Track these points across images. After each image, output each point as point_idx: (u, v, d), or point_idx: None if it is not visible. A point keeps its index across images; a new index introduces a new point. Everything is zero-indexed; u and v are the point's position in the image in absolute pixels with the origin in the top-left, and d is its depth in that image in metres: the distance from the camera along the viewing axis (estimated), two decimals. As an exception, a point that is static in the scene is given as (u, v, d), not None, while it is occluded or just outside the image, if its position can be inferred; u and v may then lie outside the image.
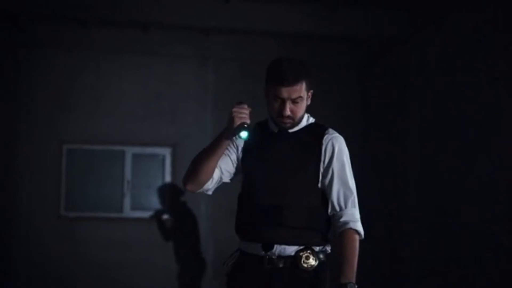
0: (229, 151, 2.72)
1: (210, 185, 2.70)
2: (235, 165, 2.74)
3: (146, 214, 8.42)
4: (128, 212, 8.65)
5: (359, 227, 2.59)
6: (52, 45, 8.61)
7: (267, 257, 2.57)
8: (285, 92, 2.55)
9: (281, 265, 2.56)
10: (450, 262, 6.73)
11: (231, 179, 2.77)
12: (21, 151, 8.50)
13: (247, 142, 2.66)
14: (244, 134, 2.50)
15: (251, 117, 2.60)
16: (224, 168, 2.70)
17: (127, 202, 8.64)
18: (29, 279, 8.23)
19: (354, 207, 2.63)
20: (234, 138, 2.65)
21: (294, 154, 2.63)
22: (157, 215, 7.14)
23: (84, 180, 8.68)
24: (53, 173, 8.54)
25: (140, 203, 8.61)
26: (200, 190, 2.71)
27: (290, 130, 2.67)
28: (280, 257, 2.56)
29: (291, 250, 2.57)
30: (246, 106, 2.57)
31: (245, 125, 2.50)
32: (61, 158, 8.62)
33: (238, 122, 2.51)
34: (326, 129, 2.76)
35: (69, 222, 8.51)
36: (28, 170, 8.49)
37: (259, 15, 7.47)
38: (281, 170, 2.61)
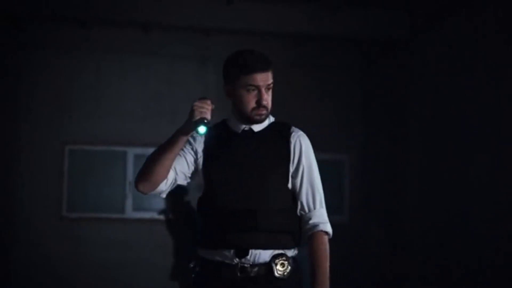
0: (184, 152, 2.56)
1: (164, 187, 2.52)
2: (191, 167, 2.57)
3: (148, 215, 8.45)
4: (130, 213, 8.66)
5: (329, 228, 2.54)
6: (52, 46, 8.62)
7: (239, 265, 2.43)
8: (260, 79, 2.46)
9: (253, 274, 2.43)
10: (451, 262, 6.74)
11: (187, 182, 2.61)
12: (23, 152, 8.51)
13: (208, 145, 2.55)
14: (202, 129, 2.37)
15: (213, 115, 2.48)
16: (179, 169, 2.53)
17: (129, 203, 8.64)
18: (30, 280, 8.23)
19: (322, 207, 2.58)
20: (192, 140, 2.56)
21: (262, 155, 2.51)
22: (164, 214, 7.14)
23: (86, 181, 8.68)
24: (54, 174, 8.54)
25: (142, 203, 8.61)
26: (154, 192, 2.53)
27: (256, 130, 2.56)
28: (253, 264, 2.43)
29: (266, 255, 2.44)
30: (209, 102, 2.43)
31: (205, 121, 2.37)
32: (63, 159, 8.62)
33: (197, 116, 2.38)
34: (290, 127, 2.62)
35: (71, 222, 8.52)
36: (29, 171, 8.49)
37: (259, 15, 7.48)
38: (251, 172, 2.48)
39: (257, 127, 2.56)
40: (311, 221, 2.52)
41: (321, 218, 2.54)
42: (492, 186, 6.05)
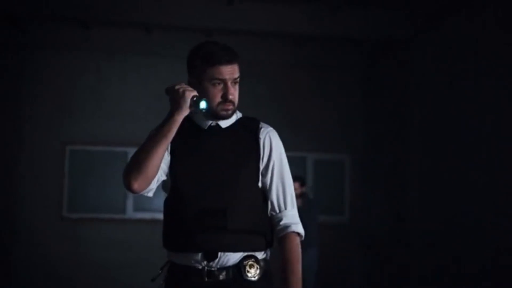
0: None
1: (154, 184, 2.32)
2: (167, 162, 2.37)
3: (148, 215, 8.46)
4: (131, 213, 8.66)
5: (301, 229, 2.40)
6: (53, 46, 8.63)
7: (206, 269, 2.29)
8: (226, 72, 2.32)
9: (221, 278, 2.29)
10: (451, 262, 6.74)
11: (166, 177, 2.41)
12: (23, 152, 8.52)
13: (173, 141, 2.33)
14: (203, 104, 2.25)
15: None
16: (162, 164, 2.34)
17: (129, 203, 8.65)
18: (30, 280, 8.24)
19: (294, 207, 2.43)
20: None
21: (231, 152, 2.36)
22: None
23: (86, 181, 8.69)
24: (55, 174, 8.55)
25: (142, 204, 8.62)
26: (145, 191, 2.31)
27: (223, 126, 2.40)
28: (221, 268, 2.29)
29: (235, 258, 2.31)
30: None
31: (199, 97, 2.26)
32: (64, 159, 8.63)
33: (191, 95, 2.25)
34: (259, 122, 2.47)
35: (71, 223, 8.53)
36: (30, 172, 8.50)
37: (259, 15, 7.48)
38: (220, 170, 2.34)
39: (224, 123, 2.41)
40: (282, 222, 2.38)
41: (293, 218, 2.40)
42: (492, 186, 6.05)
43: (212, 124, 2.40)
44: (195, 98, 2.26)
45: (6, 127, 8.42)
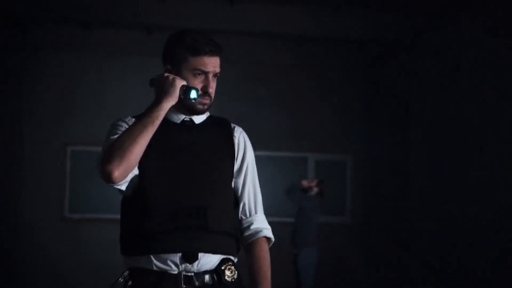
0: None
1: (129, 176, 2.16)
2: None
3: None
4: (131, 213, 8.67)
5: (271, 234, 2.31)
6: (54, 47, 8.65)
7: (182, 274, 2.12)
8: (210, 63, 2.22)
9: (198, 284, 2.13)
10: (451, 262, 6.73)
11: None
12: (26, 153, 8.54)
13: None
14: (194, 94, 2.16)
15: None
16: None
17: (130, 203, 8.66)
18: (31, 279, 8.25)
19: (262, 213, 2.34)
20: (126, 126, 2.29)
21: (206, 148, 2.23)
22: None
23: (87, 182, 8.69)
24: (56, 175, 8.57)
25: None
26: (122, 182, 2.16)
27: (197, 121, 2.28)
28: (198, 273, 2.13)
29: (213, 261, 2.16)
30: None
31: (189, 85, 2.18)
32: (65, 160, 8.64)
33: (180, 83, 2.15)
34: (229, 121, 2.37)
35: (72, 223, 8.54)
36: (31, 172, 8.52)
37: (260, 16, 7.49)
38: (196, 166, 2.20)
39: (198, 119, 2.28)
40: (253, 226, 2.28)
41: (263, 223, 2.31)
42: (492, 186, 6.05)
43: (185, 119, 2.27)
44: (184, 88, 2.18)
45: (7, 128, 8.43)
